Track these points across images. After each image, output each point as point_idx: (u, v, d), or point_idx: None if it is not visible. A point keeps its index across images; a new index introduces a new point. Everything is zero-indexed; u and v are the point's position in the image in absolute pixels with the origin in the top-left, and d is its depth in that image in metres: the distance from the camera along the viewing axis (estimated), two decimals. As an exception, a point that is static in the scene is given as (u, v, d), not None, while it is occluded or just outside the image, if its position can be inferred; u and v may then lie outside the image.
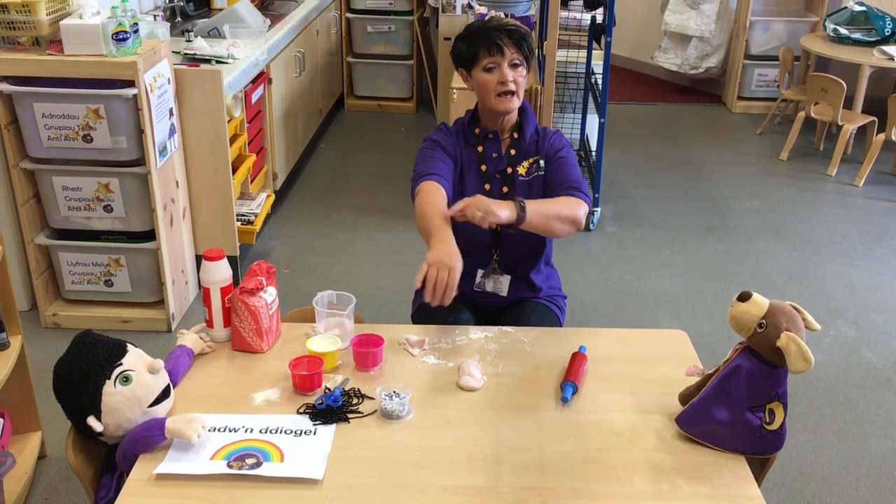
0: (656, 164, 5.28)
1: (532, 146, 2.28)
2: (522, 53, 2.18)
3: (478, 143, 2.28)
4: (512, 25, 2.20)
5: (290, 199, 4.64)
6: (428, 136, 2.32)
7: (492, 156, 2.27)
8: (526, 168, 2.26)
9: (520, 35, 2.18)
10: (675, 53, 6.60)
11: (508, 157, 2.27)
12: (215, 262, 1.93)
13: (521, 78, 2.19)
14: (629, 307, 3.67)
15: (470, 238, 2.18)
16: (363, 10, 5.84)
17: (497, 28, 2.18)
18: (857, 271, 3.99)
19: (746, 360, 1.62)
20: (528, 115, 2.29)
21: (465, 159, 2.28)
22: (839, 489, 2.64)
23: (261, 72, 3.97)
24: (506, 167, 2.27)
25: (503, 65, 2.16)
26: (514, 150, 2.27)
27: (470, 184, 2.27)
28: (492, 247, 2.28)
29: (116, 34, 2.94)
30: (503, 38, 2.16)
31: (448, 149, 2.26)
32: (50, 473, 2.64)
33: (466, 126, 2.30)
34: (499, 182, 2.27)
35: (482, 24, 2.22)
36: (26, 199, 3.17)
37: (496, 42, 2.15)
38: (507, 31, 2.17)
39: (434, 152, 2.25)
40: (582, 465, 1.63)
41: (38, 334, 3.31)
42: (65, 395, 1.66)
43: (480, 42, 2.17)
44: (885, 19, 5.32)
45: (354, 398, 1.80)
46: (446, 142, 2.27)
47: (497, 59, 2.16)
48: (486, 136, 2.28)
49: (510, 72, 2.17)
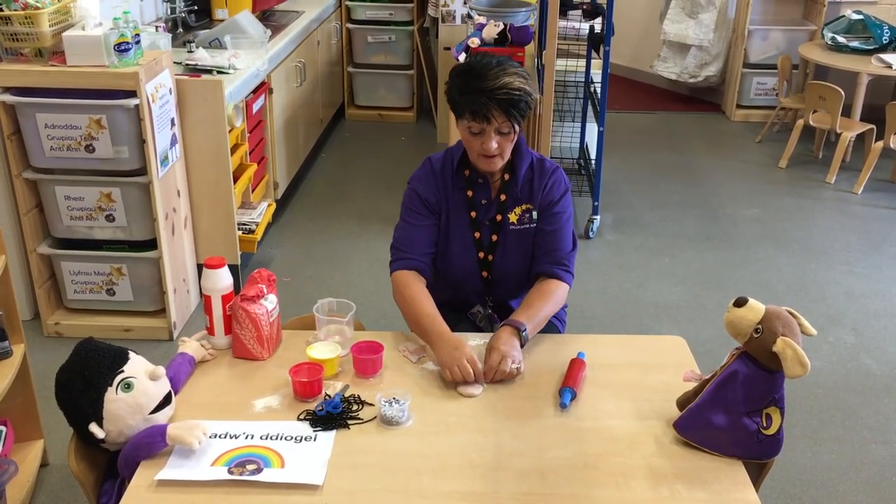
0: (656, 172, 5.29)
1: (525, 189, 2.15)
2: (513, 121, 2.00)
3: (467, 188, 2.16)
4: (504, 93, 1.96)
5: (291, 208, 4.66)
6: (411, 180, 2.19)
7: (481, 202, 2.15)
8: (517, 216, 2.15)
9: (511, 103, 1.97)
10: (674, 62, 6.63)
11: (498, 204, 2.15)
12: (216, 271, 1.94)
13: (509, 143, 2.04)
14: (629, 315, 3.68)
15: (460, 279, 2.20)
16: (364, 20, 5.86)
17: (489, 94, 1.96)
18: (856, 278, 4.00)
19: (743, 366, 1.63)
20: (522, 151, 2.14)
21: (453, 203, 2.16)
22: (838, 495, 2.64)
23: (262, 82, 3.99)
24: (495, 214, 2.16)
25: (489, 132, 2.00)
26: (505, 196, 2.15)
27: (457, 230, 2.17)
28: (483, 294, 2.25)
29: (118, 45, 2.96)
30: (493, 107, 1.96)
31: (430, 200, 2.14)
32: (52, 481, 2.64)
33: (456, 167, 2.15)
34: (488, 230, 2.17)
35: (474, 83, 1.98)
36: (29, 208, 3.19)
37: (483, 113, 1.97)
38: (498, 101, 1.96)
39: (413, 215, 2.14)
40: (581, 470, 1.63)
41: (40, 343, 3.32)
42: (67, 402, 1.67)
43: (467, 105, 1.99)
44: (882, 27, 5.34)
45: (354, 404, 1.81)
46: (428, 190, 2.15)
47: (483, 126, 2.00)
48: (475, 181, 2.15)
49: (496, 139, 2.01)
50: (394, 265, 2.16)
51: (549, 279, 2.14)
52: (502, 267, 2.20)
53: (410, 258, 2.13)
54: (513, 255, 2.19)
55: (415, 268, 2.13)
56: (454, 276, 2.23)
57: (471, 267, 2.21)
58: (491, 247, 2.19)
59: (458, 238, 2.18)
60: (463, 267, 2.20)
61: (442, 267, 2.21)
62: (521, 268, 2.20)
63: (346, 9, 5.82)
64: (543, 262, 2.16)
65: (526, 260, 2.20)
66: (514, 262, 2.19)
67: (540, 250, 2.17)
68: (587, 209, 4.51)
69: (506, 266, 2.20)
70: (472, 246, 2.19)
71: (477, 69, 2.01)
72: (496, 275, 2.21)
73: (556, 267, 2.15)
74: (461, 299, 2.28)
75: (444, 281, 2.23)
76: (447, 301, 2.25)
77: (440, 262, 2.21)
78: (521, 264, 2.20)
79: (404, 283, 2.10)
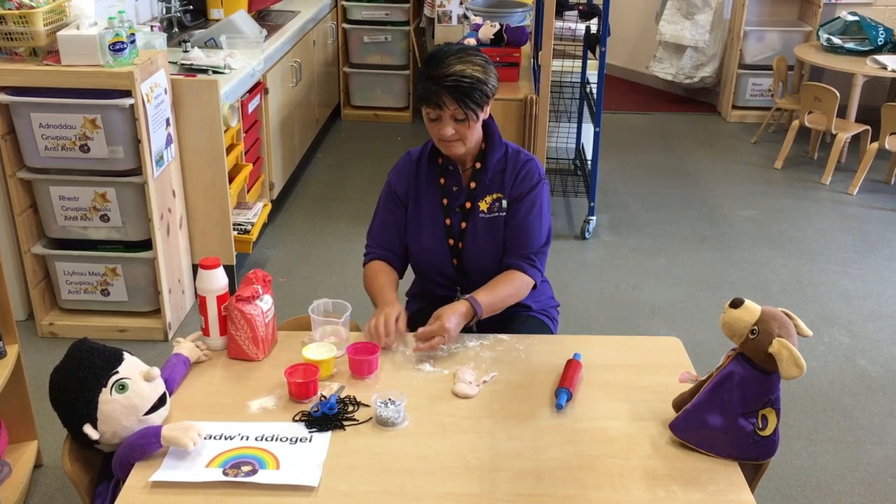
0: (651, 173, 5.30)
1: (497, 179, 2.17)
2: (466, 109, 2.01)
3: (440, 175, 2.21)
4: (453, 80, 1.99)
5: (287, 209, 4.65)
6: (389, 174, 2.27)
7: (452, 189, 2.19)
8: (488, 204, 2.18)
9: (461, 91, 1.99)
10: (670, 63, 6.63)
11: (468, 191, 2.18)
12: (212, 271, 1.94)
13: (468, 129, 2.06)
14: (625, 316, 3.68)
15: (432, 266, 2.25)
16: (360, 20, 5.86)
17: (439, 81, 2.00)
18: (852, 279, 4.01)
19: (739, 367, 1.63)
20: (494, 140, 2.17)
21: (425, 190, 2.21)
22: (833, 496, 2.64)
23: (257, 82, 3.98)
24: (465, 202, 2.19)
25: (444, 118, 2.04)
26: (475, 183, 2.18)
27: (430, 217, 2.21)
28: (454, 283, 2.26)
29: (113, 45, 2.95)
30: (443, 94, 2.00)
31: (399, 192, 2.22)
32: (46, 482, 2.63)
33: (430, 154, 2.20)
34: (459, 217, 2.20)
35: (429, 70, 2.03)
36: (23, 208, 3.18)
37: (433, 100, 2.01)
38: (448, 88, 1.99)
39: (384, 209, 2.25)
40: (577, 472, 1.63)
41: (34, 344, 3.31)
42: (61, 403, 1.67)
43: (422, 91, 2.03)
44: (877, 29, 5.35)
45: (350, 406, 1.81)
46: (400, 182, 2.23)
47: (438, 113, 2.04)
48: (447, 168, 2.19)
49: (451, 125, 2.04)
50: (365, 258, 2.28)
51: (515, 271, 2.17)
52: (472, 255, 2.21)
53: (376, 252, 2.25)
54: (482, 243, 2.20)
55: (382, 258, 2.24)
56: (426, 262, 2.26)
57: (442, 254, 2.22)
58: (461, 234, 2.21)
59: (429, 224, 2.21)
60: (434, 253, 2.23)
61: (414, 253, 2.25)
62: (492, 257, 2.21)
63: (342, 9, 5.81)
64: (512, 255, 2.18)
65: (496, 250, 2.20)
66: (485, 250, 2.20)
67: (510, 243, 2.19)
68: (583, 210, 4.51)
69: (476, 254, 2.21)
70: (443, 232, 2.21)
71: (438, 56, 2.06)
72: (466, 263, 2.22)
73: (523, 262, 2.17)
74: (432, 292, 2.29)
75: (417, 268, 2.28)
76: (419, 293, 2.34)
77: (413, 249, 2.25)
78: (492, 254, 2.21)
79: (367, 274, 2.23)
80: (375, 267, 2.23)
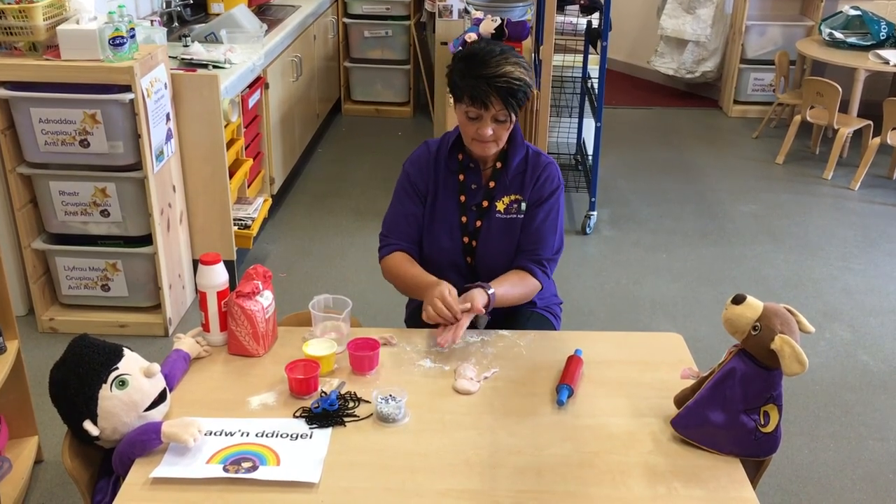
0: (653, 168, 5.29)
1: (517, 179, 2.17)
2: (510, 110, 2.02)
3: (459, 171, 2.19)
4: (504, 81, 1.99)
5: (287, 204, 4.65)
6: (406, 164, 2.25)
7: (471, 186, 2.18)
8: (505, 205, 2.17)
9: (510, 92, 2.00)
10: (672, 58, 6.62)
11: (487, 190, 2.17)
12: (212, 267, 1.93)
13: (505, 130, 2.06)
14: (625, 311, 3.67)
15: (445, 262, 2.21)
16: (360, 14, 5.84)
17: (489, 81, 1.98)
18: (853, 274, 4.00)
19: (741, 363, 1.63)
20: (517, 141, 2.16)
21: (443, 185, 2.19)
22: (835, 492, 2.64)
23: (258, 76, 3.97)
24: (482, 200, 2.18)
25: (486, 118, 2.03)
26: (495, 183, 2.16)
27: (445, 212, 2.19)
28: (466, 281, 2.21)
29: (113, 39, 2.94)
30: (492, 94, 1.99)
31: (417, 184, 2.20)
32: (46, 478, 2.63)
33: (450, 149, 2.19)
34: (474, 215, 2.19)
35: (476, 69, 2.01)
36: (23, 203, 3.17)
37: (482, 99, 2.00)
38: (497, 89, 1.98)
39: (402, 200, 2.21)
40: (578, 468, 1.63)
41: (34, 339, 3.31)
42: (61, 400, 1.66)
43: (467, 89, 2.01)
44: (879, 23, 5.33)
45: (350, 402, 1.80)
46: (419, 173, 2.20)
47: (480, 112, 2.02)
48: (467, 165, 2.18)
49: (492, 126, 2.04)
50: (381, 251, 2.24)
51: (527, 274, 2.16)
52: (485, 254, 2.20)
53: (395, 244, 2.21)
54: (496, 243, 2.19)
55: (403, 250, 2.20)
56: (438, 258, 2.24)
57: (455, 251, 2.21)
58: (475, 232, 2.19)
59: (445, 220, 2.20)
60: (448, 250, 2.21)
61: (428, 248, 2.23)
62: (505, 258, 2.20)
63: (343, 3, 5.80)
64: (524, 258, 2.18)
65: (510, 251, 2.20)
66: (498, 250, 2.19)
67: (525, 246, 2.18)
68: (584, 205, 4.50)
69: (489, 254, 2.20)
70: (458, 229, 2.20)
71: (480, 55, 2.03)
72: (479, 262, 2.22)
73: (536, 266, 2.16)
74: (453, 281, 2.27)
75: (429, 264, 2.25)
76: None
77: (426, 244, 2.23)
78: (505, 254, 2.20)
79: (392, 264, 2.18)
80: (400, 257, 2.18)
